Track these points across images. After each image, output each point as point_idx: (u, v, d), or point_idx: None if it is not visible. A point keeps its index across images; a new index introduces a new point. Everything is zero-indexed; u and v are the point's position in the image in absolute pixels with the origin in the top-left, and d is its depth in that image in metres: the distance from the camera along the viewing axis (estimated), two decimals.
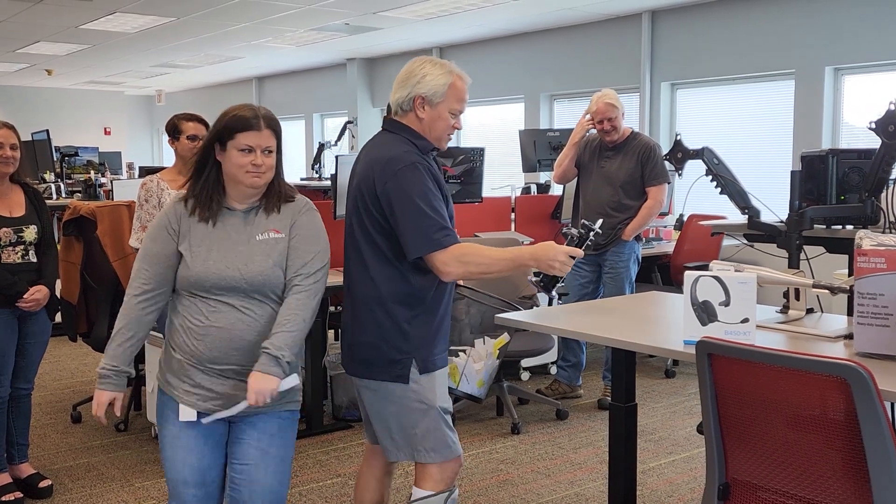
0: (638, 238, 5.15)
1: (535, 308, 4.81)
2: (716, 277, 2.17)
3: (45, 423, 4.80)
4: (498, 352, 3.08)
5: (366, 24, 8.76)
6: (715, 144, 2.95)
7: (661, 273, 6.38)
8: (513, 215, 6.51)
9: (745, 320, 2.17)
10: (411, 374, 2.47)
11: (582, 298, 5.18)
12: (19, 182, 3.61)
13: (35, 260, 3.60)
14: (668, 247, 6.52)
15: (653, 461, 4.22)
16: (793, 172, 2.62)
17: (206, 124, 4.03)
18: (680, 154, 2.78)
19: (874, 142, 2.58)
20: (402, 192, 2.36)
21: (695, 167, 2.97)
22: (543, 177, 8.03)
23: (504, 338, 3.08)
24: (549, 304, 5.17)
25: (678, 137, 2.84)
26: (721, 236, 6.23)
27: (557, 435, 4.63)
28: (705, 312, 2.19)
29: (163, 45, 10.22)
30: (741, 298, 2.16)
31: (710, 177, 2.78)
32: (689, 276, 2.21)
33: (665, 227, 6.88)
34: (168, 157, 17.43)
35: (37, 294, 3.53)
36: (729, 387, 1.98)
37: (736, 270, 2.25)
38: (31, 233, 3.56)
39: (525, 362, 5.67)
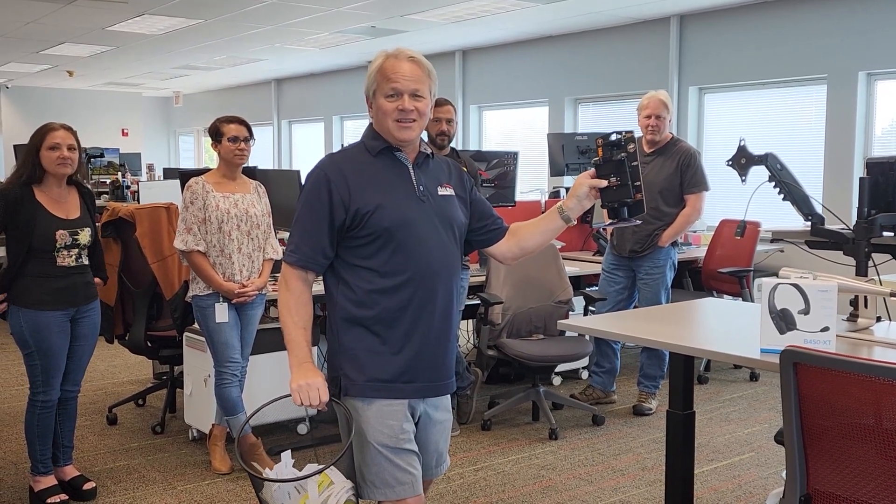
0: (674, 243, 5.12)
1: (591, 315, 4.80)
2: (795, 285, 2.14)
3: (81, 424, 4.77)
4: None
5: (392, 27, 8.75)
6: None
7: (691, 278, 6.34)
8: None
9: (825, 329, 2.14)
10: (342, 394, 2.27)
11: (617, 305, 5.15)
12: (76, 183, 3.61)
13: (87, 262, 3.61)
14: (698, 252, 6.49)
15: (695, 469, 4.17)
16: (861, 179, 2.59)
17: (247, 125, 4.01)
18: (744, 160, 2.75)
19: None
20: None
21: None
22: (570, 181, 8.00)
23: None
24: (585, 311, 5.15)
25: (742, 143, 2.81)
26: (753, 241, 6.21)
27: (596, 441, 4.59)
28: (784, 321, 2.16)
29: (186, 46, 10.23)
30: (821, 307, 2.13)
31: (773, 183, 2.75)
32: (766, 283, 2.18)
33: (695, 232, 6.85)
34: (185, 158, 17.49)
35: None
36: (814, 396, 1.95)
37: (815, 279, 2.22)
38: (85, 235, 3.56)
39: (557, 367, 5.63)
